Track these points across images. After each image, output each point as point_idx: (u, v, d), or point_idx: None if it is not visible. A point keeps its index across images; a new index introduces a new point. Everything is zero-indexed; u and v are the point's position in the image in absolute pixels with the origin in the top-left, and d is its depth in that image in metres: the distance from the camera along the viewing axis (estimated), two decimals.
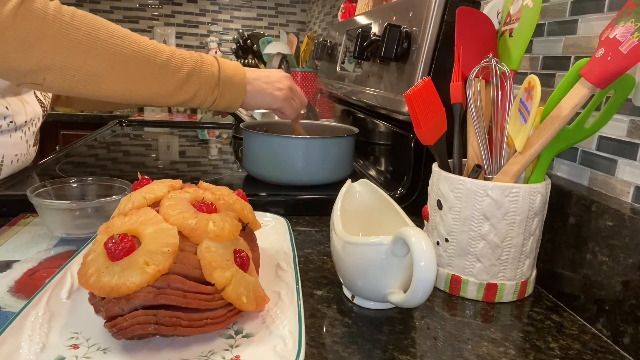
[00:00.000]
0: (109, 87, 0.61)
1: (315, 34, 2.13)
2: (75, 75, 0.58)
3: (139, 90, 0.63)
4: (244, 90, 0.73)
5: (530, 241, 0.49)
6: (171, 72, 0.64)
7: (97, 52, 0.58)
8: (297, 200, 0.75)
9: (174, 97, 0.66)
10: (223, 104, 0.71)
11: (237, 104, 0.73)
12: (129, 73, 0.61)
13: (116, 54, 0.60)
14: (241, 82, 0.72)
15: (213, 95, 0.69)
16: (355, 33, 0.91)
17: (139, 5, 2.59)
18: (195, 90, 0.67)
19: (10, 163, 0.79)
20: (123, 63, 0.60)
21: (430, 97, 0.52)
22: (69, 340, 0.37)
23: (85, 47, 0.57)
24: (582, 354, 0.42)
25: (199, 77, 0.67)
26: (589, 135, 0.48)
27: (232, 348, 0.37)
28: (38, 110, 0.86)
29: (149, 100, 0.65)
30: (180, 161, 1.05)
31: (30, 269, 0.52)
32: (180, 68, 0.65)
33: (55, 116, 2.05)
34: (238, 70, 0.72)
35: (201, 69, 0.67)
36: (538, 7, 0.53)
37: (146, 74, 0.62)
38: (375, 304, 0.47)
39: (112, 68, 0.60)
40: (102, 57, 0.59)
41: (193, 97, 0.67)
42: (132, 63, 0.61)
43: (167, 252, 0.36)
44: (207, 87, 0.68)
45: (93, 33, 0.58)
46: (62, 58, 0.56)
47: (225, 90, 0.70)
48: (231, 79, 0.70)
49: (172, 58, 0.64)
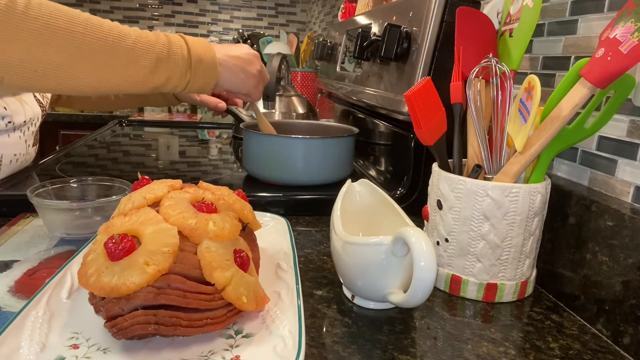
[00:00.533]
0: (75, 79, 0.57)
1: (315, 34, 2.13)
2: (37, 69, 0.53)
3: (108, 79, 0.59)
4: (215, 71, 0.69)
5: (530, 241, 0.49)
6: (138, 57, 0.60)
7: (58, 42, 0.54)
8: (297, 200, 0.75)
9: (145, 83, 0.62)
10: (197, 86, 0.68)
11: (209, 86, 0.70)
12: (94, 62, 0.57)
13: (79, 42, 0.55)
14: (212, 62, 0.68)
15: (186, 78, 0.66)
16: (355, 33, 0.91)
17: (139, 5, 2.59)
18: (167, 76, 0.64)
19: (9, 163, 0.79)
20: (87, 52, 0.56)
21: (430, 97, 0.52)
22: (69, 340, 0.37)
23: (45, 38, 0.53)
24: (582, 354, 0.42)
25: (167, 61, 0.63)
26: (589, 135, 0.48)
27: (232, 348, 0.37)
28: (37, 110, 0.86)
29: (120, 89, 0.61)
30: (180, 161, 1.05)
31: (30, 269, 0.52)
32: (147, 52, 0.61)
33: (55, 116, 2.05)
34: (207, 50, 0.68)
35: (170, 52, 0.63)
36: (538, 7, 0.53)
37: (112, 61, 0.58)
38: (375, 304, 0.47)
39: (75, 58, 0.55)
40: (64, 47, 0.54)
41: (165, 82, 0.64)
42: (98, 51, 0.57)
43: (167, 252, 0.36)
44: (179, 70, 0.64)
45: (51, 22, 0.53)
46: (20, 52, 0.52)
47: (197, 73, 0.66)
48: (202, 60, 0.67)
49: (138, 42, 0.60)
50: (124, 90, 0.62)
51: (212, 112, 1.13)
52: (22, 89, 0.57)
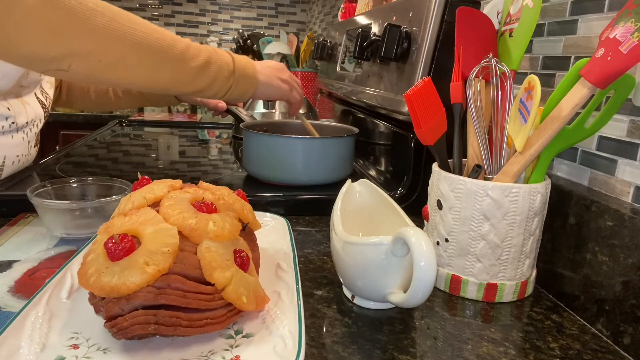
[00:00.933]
0: (132, 73, 0.62)
1: (315, 34, 2.13)
2: (102, 60, 0.58)
3: (161, 76, 0.65)
4: (256, 79, 0.77)
5: (530, 241, 0.49)
6: (189, 60, 0.66)
7: (122, 38, 0.59)
8: (297, 200, 0.75)
9: (192, 84, 0.68)
10: (237, 92, 0.75)
11: (249, 94, 0.77)
12: (151, 59, 0.63)
13: (139, 40, 0.61)
14: (253, 72, 0.76)
15: (228, 83, 0.72)
16: (355, 33, 0.91)
17: (139, 5, 2.59)
18: (213, 78, 0.70)
19: (11, 164, 0.79)
20: (146, 50, 0.62)
21: (430, 97, 0.52)
22: (69, 340, 0.37)
23: (111, 33, 0.58)
24: (582, 354, 0.42)
25: (215, 65, 0.70)
26: (589, 135, 0.48)
27: (232, 348, 0.37)
28: (39, 111, 0.86)
29: (169, 87, 0.67)
30: (180, 161, 1.05)
31: (30, 269, 0.52)
32: (197, 56, 0.67)
33: (55, 116, 2.05)
34: (249, 62, 0.77)
35: (217, 59, 0.70)
36: (538, 7, 0.53)
37: (167, 60, 0.64)
38: (375, 304, 0.47)
39: (136, 54, 0.61)
40: (126, 43, 0.60)
41: (210, 84, 0.70)
42: (154, 50, 0.62)
43: (167, 252, 0.36)
44: (223, 75, 0.71)
45: (116, 19, 0.59)
46: (88, 44, 0.57)
47: (239, 80, 0.74)
48: (244, 69, 0.75)
49: (189, 47, 0.67)
50: (172, 89, 0.68)
51: (212, 112, 1.13)
52: (84, 78, 0.61)
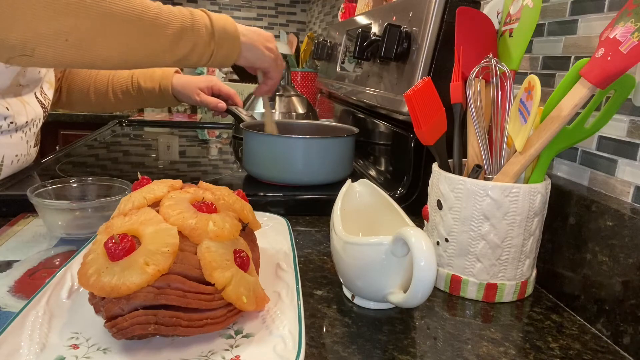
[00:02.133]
0: (105, 50, 0.58)
1: (315, 34, 2.13)
2: (69, 39, 0.55)
3: (135, 49, 0.61)
4: (238, 40, 0.70)
5: (530, 241, 0.49)
6: (162, 27, 0.62)
7: (87, 12, 0.55)
8: (297, 200, 0.75)
9: (170, 54, 0.64)
10: (220, 56, 0.69)
11: (233, 56, 0.71)
12: (121, 32, 0.59)
13: (107, 13, 0.57)
14: (235, 33, 0.70)
15: (210, 48, 0.67)
16: (355, 33, 0.91)
17: None
18: (192, 45, 0.65)
19: (10, 163, 0.79)
20: (117, 22, 0.58)
21: (430, 97, 0.52)
22: (69, 340, 0.37)
23: (75, 9, 0.54)
24: (582, 354, 0.42)
25: (192, 31, 0.65)
26: (589, 135, 0.48)
27: (232, 348, 0.37)
28: (39, 111, 0.86)
29: (147, 59, 0.63)
30: (180, 161, 1.05)
31: (30, 269, 0.52)
32: (171, 22, 0.63)
33: (55, 116, 2.05)
34: (228, 21, 0.70)
35: (193, 22, 0.65)
36: (538, 7, 0.53)
37: (139, 31, 0.60)
38: (375, 304, 0.47)
39: (104, 28, 0.57)
40: (93, 18, 0.56)
41: (190, 52, 0.65)
42: (125, 22, 0.58)
43: (167, 252, 0.36)
44: (202, 40, 0.66)
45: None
46: (52, 22, 0.53)
47: (221, 41, 0.68)
48: (225, 29, 0.68)
49: (161, 12, 0.62)
50: (150, 62, 0.64)
51: (212, 112, 1.13)
52: (53, 61, 0.58)
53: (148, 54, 0.63)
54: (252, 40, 0.72)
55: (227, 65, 0.73)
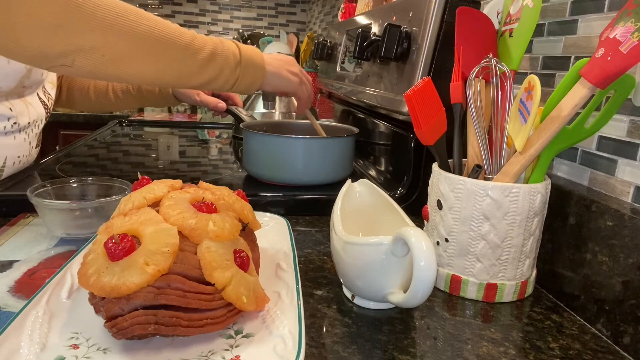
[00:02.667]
0: (137, 68, 0.62)
1: (315, 34, 2.13)
2: (105, 55, 0.58)
3: (166, 70, 0.64)
4: (263, 70, 0.75)
5: (530, 241, 0.49)
6: (195, 52, 0.66)
7: (126, 32, 0.59)
8: (297, 200, 0.75)
9: (198, 76, 0.68)
10: (245, 83, 0.73)
11: (257, 84, 0.75)
12: (156, 53, 0.62)
13: (144, 34, 0.60)
14: (260, 62, 0.75)
15: (235, 74, 0.71)
16: (355, 33, 0.91)
17: (139, 5, 2.59)
18: (219, 70, 0.69)
19: (12, 164, 0.79)
20: (151, 43, 0.61)
21: (430, 97, 0.52)
22: (69, 340, 0.37)
23: (115, 28, 0.57)
24: (582, 354, 0.42)
25: (221, 57, 0.69)
26: (589, 135, 0.48)
27: (232, 348, 0.37)
28: (41, 111, 0.86)
29: (176, 80, 0.67)
30: (180, 161, 1.05)
31: (30, 269, 0.52)
32: (203, 48, 0.67)
33: (55, 116, 2.05)
34: (256, 52, 0.75)
35: (223, 49, 0.69)
36: (538, 7, 0.53)
37: (172, 54, 0.64)
38: (375, 304, 0.47)
39: (140, 48, 0.61)
40: (131, 37, 0.59)
41: (217, 76, 0.69)
42: (159, 43, 0.62)
43: (167, 252, 0.36)
44: (229, 66, 0.70)
45: (122, 14, 0.58)
46: (92, 39, 0.56)
47: (247, 70, 0.72)
48: (252, 59, 0.73)
49: (195, 39, 0.66)
50: (178, 83, 0.68)
51: (212, 112, 1.13)
52: (89, 73, 0.61)
53: (177, 76, 0.66)
54: (277, 68, 0.77)
55: (251, 91, 0.77)
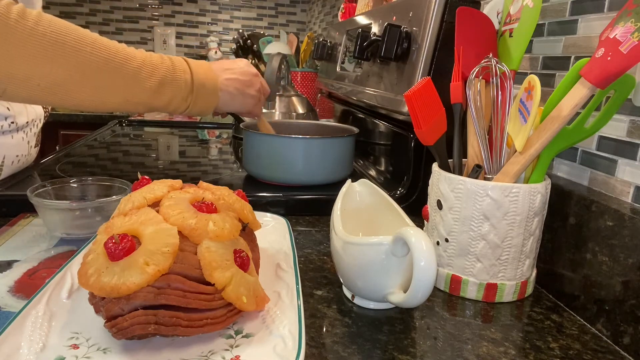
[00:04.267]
0: (77, 97, 0.57)
1: (315, 34, 2.13)
2: (40, 84, 0.54)
3: (110, 98, 0.60)
4: (216, 96, 0.71)
5: (530, 241, 0.49)
6: (143, 80, 0.61)
7: (64, 60, 0.54)
8: (297, 200, 0.75)
9: (146, 104, 0.64)
10: (196, 110, 0.70)
11: (208, 111, 0.73)
12: (99, 82, 0.58)
13: (85, 62, 0.56)
14: (213, 88, 0.71)
15: (186, 102, 0.68)
16: (355, 33, 0.91)
17: (139, 5, 2.59)
18: (169, 99, 0.65)
19: (11, 164, 0.79)
20: (92, 71, 0.57)
21: (430, 97, 0.52)
22: (69, 340, 0.37)
23: (51, 55, 0.53)
24: (582, 354, 0.42)
25: (171, 85, 0.65)
26: (589, 135, 0.48)
27: (232, 348, 0.37)
28: (40, 111, 0.86)
29: (121, 108, 0.63)
30: (180, 161, 1.05)
31: (30, 269, 0.52)
32: (152, 75, 0.62)
33: (55, 116, 2.05)
34: (209, 76, 0.70)
35: (174, 77, 0.65)
36: (538, 7, 0.53)
37: (117, 81, 0.59)
38: (375, 304, 0.47)
39: (80, 77, 0.56)
40: (69, 66, 0.55)
41: (167, 104, 0.66)
42: (102, 71, 0.57)
43: (167, 252, 0.36)
44: (181, 94, 0.66)
45: (60, 39, 0.54)
46: (25, 67, 0.52)
47: (198, 98, 0.69)
48: (204, 86, 0.69)
49: (144, 65, 0.62)
50: (124, 109, 0.64)
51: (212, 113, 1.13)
52: (24, 100, 0.57)
53: (122, 103, 0.62)
54: (231, 94, 0.73)
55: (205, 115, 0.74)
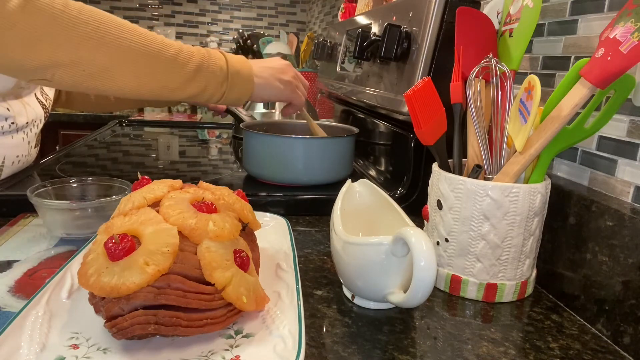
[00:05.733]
0: (119, 82, 0.61)
1: (315, 34, 2.13)
2: (85, 70, 0.57)
3: (149, 84, 0.63)
4: (251, 83, 0.73)
5: (530, 241, 0.49)
6: (180, 66, 0.64)
7: (107, 46, 0.58)
8: (297, 200, 0.75)
9: (183, 90, 0.66)
10: (232, 97, 0.72)
11: (245, 97, 0.74)
12: (138, 67, 0.61)
13: (126, 48, 0.59)
14: (249, 75, 0.73)
15: (222, 88, 0.69)
16: (355, 33, 0.91)
17: (139, 5, 2.59)
18: (205, 84, 0.67)
19: (11, 164, 0.79)
20: (133, 57, 0.60)
21: (430, 97, 0.52)
22: (69, 340, 0.37)
23: (95, 42, 0.57)
24: (582, 354, 0.42)
25: (207, 71, 0.67)
26: (589, 135, 0.48)
27: (232, 348, 0.37)
28: (39, 111, 0.85)
29: (159, 94, 0.65)
30: (180, 161, 1.05)
31: (30, 269, 0.52)
32: (189, 62, 0.65)
33: (55, 116, 2.05)
34: (244, 64, 0.73)
35: (209, 63, 0.67)
36: (538, 7, 0.53)
37: (155, 67, 0.62)
38: (375, 304, 0.47)
39: (122, 62, 0.60)
40: (112, 52, 0.58)
41: (202, 90, 0.68)
42: (142, 57, 0.61)
43: (167, 252, 0.36)
44: (216, 80, 0.68)
45: (102, 27, 0.57)
46: (72, 53, 0.56)
47: (233, 84, 0.70)
48: (239, 73, 0.71)
49: (180, 52, 0.64)
50: (161, 96, 0.66)
51: (212, 112, 1.13)
52: (69, 87, 0.61)
53: (161, 90, 0.65)
54: (266, 80, 0.75)
55: (240, 104, 0.76)
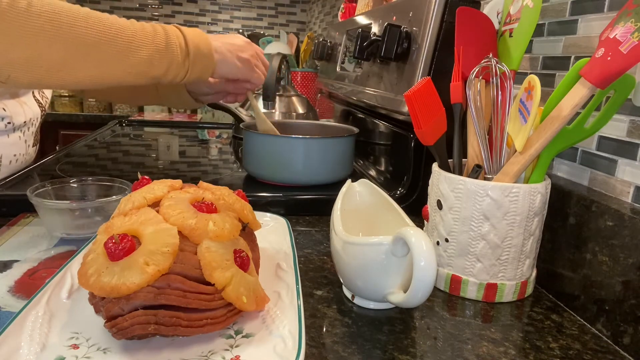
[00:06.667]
0: (79, 74, 0.58)
1: (315, 34, 2.13)
2: (43, 66, 0.54)
3: (109, 71, 0.60)
4: (212, 58, 0.70)
5: (530, 241, 0.49)
6: (138, 49, 0.61)
7: (62, 38, 0.54)
8: (297, 200, 0.75)
9: (146, 74, 0.63)
10: (195, 73, 0.69)
11: (207, 74, 0.71)
12: (97, 56, 0.58)
13: (82, 37, 0.56)
14: (209, 50, 0.70)
15: (185, 67, 0.67)
16: (355, 33, 0.91)
17: (139, 5, 2.59)
18: (167, 65, 0.65)
19: (8, 163, 0.79)
20: (90, 46, 0.57)
21: (430, 97, 0.52)
22: (69, 340, 0.37)
23: (49, 35, 0.53)
24: (582, 354, 0.42)
25: (167, 51, 0.64)
26: (589, 135, 0.48)
27: (232, 348, 0.37)
28: (36, 110, 0.85)
29: (122, 80, 0.62)
30: (180, 161, 1.05)
31: (30, 269, 0.52)
32: (147, 44, 0.62)
33: (55, 116, 2.05)
34: (203, 39, 0.69)
35: (168, 42, 0.64)
36: (538, 7, 0.53)
37: (114, 55, 0.59)
38: (375, 304, 0.47)
39: (80, 53, 0.56)
40: (67, 43, 0.55)
41: (166, 71, 0.65)
42: (99, 44, 0.57)
43: (167, 252, 0.36)
44: (177, 59, 0.65)
45: (55, 17, 0.53)
46: (25, 49, 0.52)
47: (195, 61, 0.68)
48: (199, 48, 0.68)
49: (136, 34, 0.61)
50: (125, 82, 0.63)
51: (212, 112, 1.12)
52: (28, 85, 0.58)
53: (122, 75, 0.62)
54: (224, 55, 0.72)
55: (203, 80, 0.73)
